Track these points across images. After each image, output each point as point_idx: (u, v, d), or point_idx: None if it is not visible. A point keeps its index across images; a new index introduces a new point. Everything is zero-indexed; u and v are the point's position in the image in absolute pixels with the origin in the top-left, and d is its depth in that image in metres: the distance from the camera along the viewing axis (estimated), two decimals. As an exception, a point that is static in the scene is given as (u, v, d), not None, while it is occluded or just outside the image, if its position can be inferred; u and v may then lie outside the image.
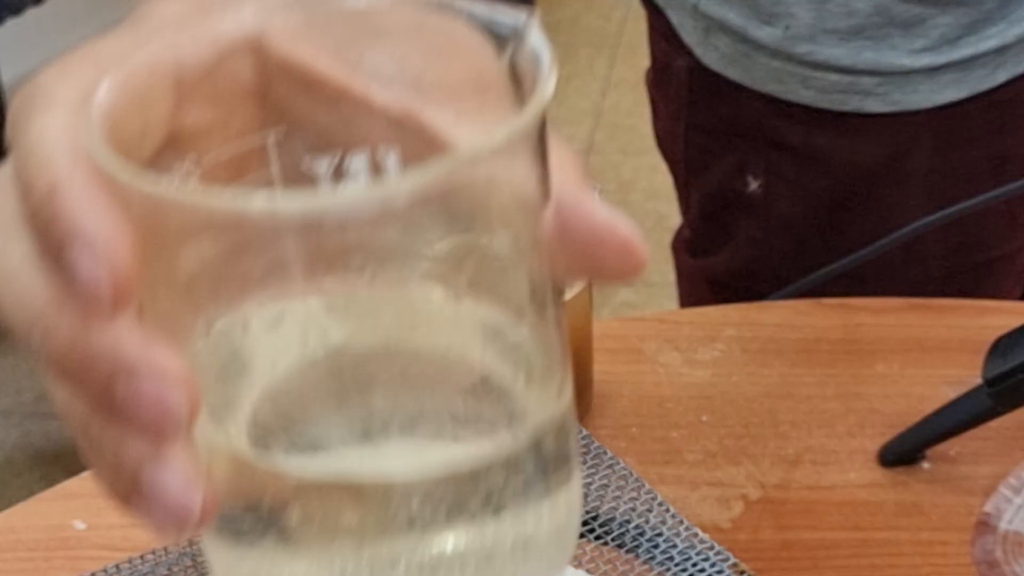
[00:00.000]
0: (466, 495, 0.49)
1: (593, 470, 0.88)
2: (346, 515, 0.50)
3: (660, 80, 1.51)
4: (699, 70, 1.39)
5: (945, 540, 0.94)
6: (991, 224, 1.34)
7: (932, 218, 1.14)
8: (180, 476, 0.42)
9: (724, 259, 1.43)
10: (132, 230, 0.43)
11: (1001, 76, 1.30)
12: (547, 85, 0.44)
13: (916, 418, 0.98)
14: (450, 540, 0.49)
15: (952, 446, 0.99)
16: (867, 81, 1.28)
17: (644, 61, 3.28)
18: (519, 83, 0.48)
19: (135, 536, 0.98)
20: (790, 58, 1.31)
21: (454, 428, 0.51)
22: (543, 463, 0.51)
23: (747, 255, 1.40)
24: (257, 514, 0.49)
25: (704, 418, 1.07)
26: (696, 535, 0.62)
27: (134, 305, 0.43)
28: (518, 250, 0.49)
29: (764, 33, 1.32)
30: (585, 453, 0.96)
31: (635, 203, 2.63)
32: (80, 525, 1.01)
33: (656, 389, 1.10)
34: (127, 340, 0.42)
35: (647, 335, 1.09)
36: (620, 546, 0.60)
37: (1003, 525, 0.92)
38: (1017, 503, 0.95)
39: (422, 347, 0.52)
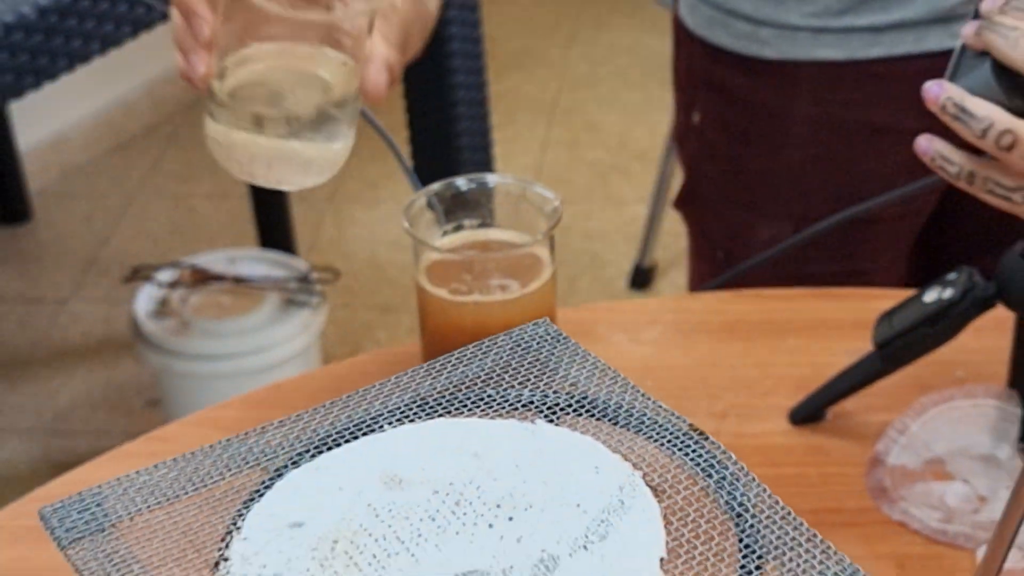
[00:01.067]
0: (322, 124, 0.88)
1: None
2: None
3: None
4: (676, 25, 1.45)
5: (845, 473, 0.98)
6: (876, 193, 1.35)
7: (833, 219, 1.13)
8: (204, 55, 0.86)
9: (685, 184, 1.47)
10: None
11: (876, 51, 1.33)
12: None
13: (820, 382, 1.03)
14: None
15: (850, 401, 1.03)
16: (765, 32, 1.32)
17: (577, 124, 3.38)
18: None
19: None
20: (716, 6, 1.36)
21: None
22: (339, 119, 0.88)
23: (692, 177, 1.44)
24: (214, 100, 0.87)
25: (648, 383, 1.09)
26: (659, 405, 0.68)
27: None
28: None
29: None
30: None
31: (574, 244, 2.67)
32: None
33: (608, 362, 1.12)
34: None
35: (600, 320, 1.15)
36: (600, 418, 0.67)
37: (891, 460, 0.97)
38: (901, 443, 0.99)
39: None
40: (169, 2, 0.93)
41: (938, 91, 0.87)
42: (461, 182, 1.00)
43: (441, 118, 2.03)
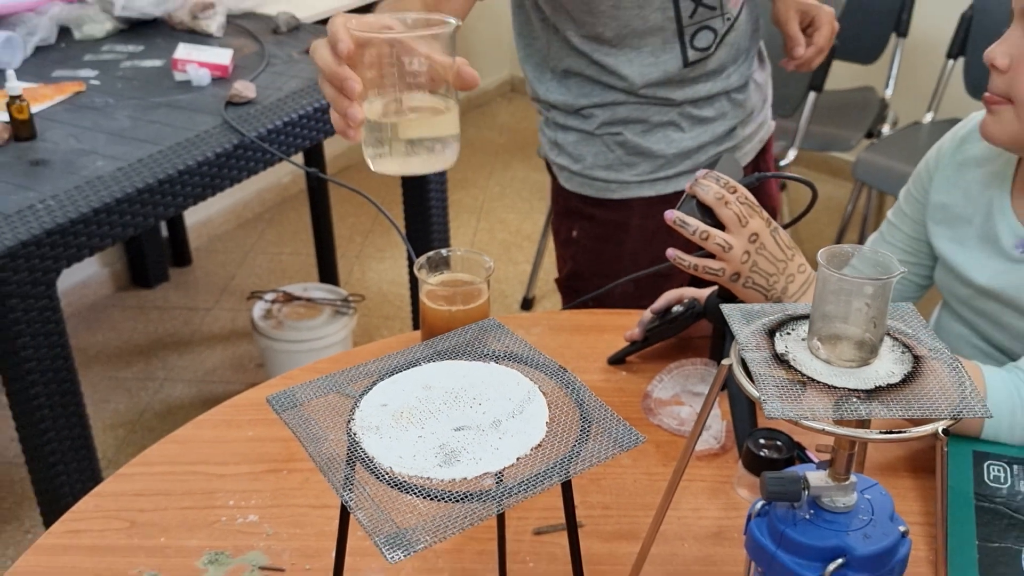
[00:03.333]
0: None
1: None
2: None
3: None
4: (554, 185, 1.41)
5: (632, 401, 1.05)
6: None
7: (645, 272, 1.21)
8: (357, 109, 0.79)
9: (566, 269, 1.46)
10: (357, 47, 0.79)
11: (668, 190, 1.33)
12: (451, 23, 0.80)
13: (623, 344, 1.10)
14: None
15: (635, 358, 1.12)
16: (613, 186, 1.34)
17: (493, 221, 3.49)
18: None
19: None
20: (582, 175, 1.35)
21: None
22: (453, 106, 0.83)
23: (571, 269, 1.44)
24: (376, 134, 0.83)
25: (533, 353, 1.15)
26: (545, 356, 0.69)
27: (352, 62, 0.80)
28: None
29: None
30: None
31: (491, 285, 2.75)
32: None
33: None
34: (346, 71, 0.79)
35: (509, 323, 1.10)
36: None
37: (654, 394, 1.05)
38: (659, 386, 1.06)
39: None
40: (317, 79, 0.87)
41: (670, 214, 0.95)
42: (442, 251, 1.02)
43: (423, 215, 2.09)
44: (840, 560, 0.68)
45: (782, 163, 2.49)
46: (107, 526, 0.89)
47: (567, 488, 0.61)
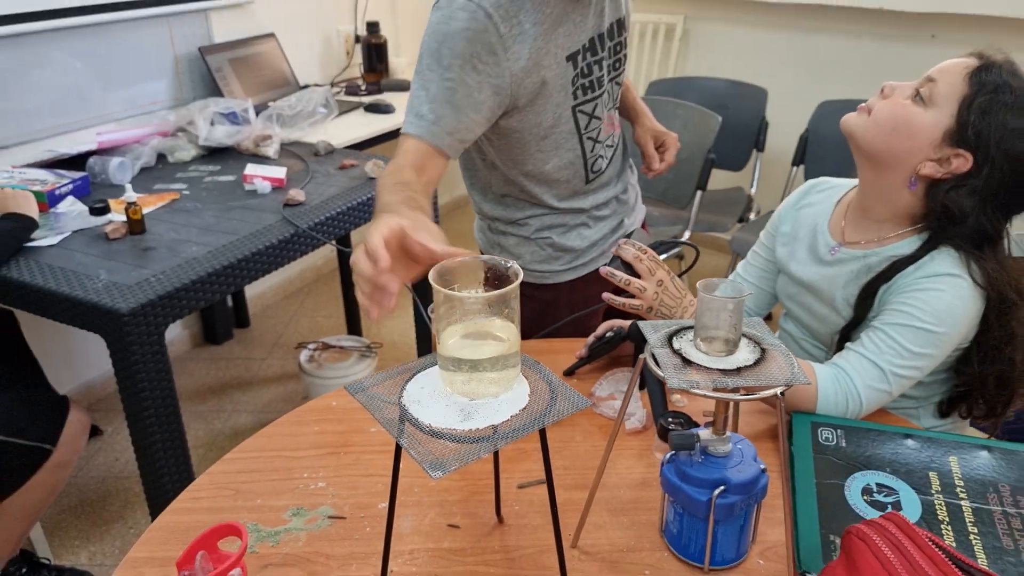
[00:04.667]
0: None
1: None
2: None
3: None
4: None
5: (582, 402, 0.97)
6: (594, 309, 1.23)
7: (573, 316, 1.23)
8: (383, 315, 0.64)
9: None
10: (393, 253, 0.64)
11: (586, 271, 1.28)
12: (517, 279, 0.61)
13: (574, 361, 1.10)
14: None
15: (583, 369, 1.11)
16: (538, 275, 1.28)
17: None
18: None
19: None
20: (526, 267, 1.27)
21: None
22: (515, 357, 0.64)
23: (528, 327, 1.29)
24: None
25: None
26: (526, 356, 0.68)
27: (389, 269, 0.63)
28: None
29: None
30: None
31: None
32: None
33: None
34: (388, 276, 0.64)
35: None
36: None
37: (596, 392, 1.06)
38: (600, 387, 1.06)
39: None
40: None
41: (604, 269, 0.99)
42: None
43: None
44: (722, 487, 0.75)
45: (680, 240, 2.54)
46: (218, 494, 0.91)
47: (543, 435, 0.66)
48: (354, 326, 2.66)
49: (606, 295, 1.02)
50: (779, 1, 2.72)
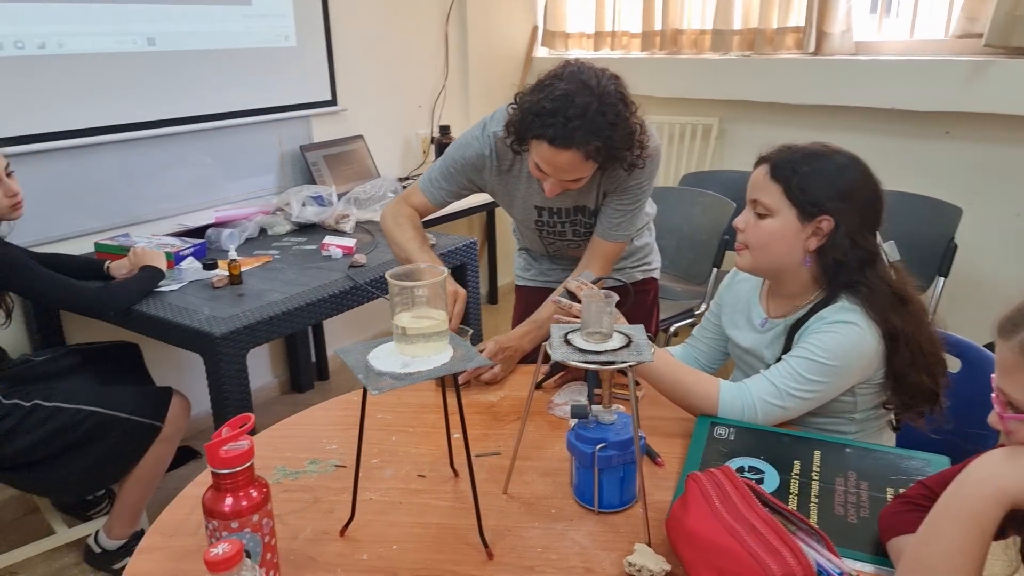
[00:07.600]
0: None
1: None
2: None
3: None
4: None
5: (544, 411, 1.20)
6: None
7: None
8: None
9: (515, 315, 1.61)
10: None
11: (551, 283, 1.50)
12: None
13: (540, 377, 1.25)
14: None
15: (550, 383, 1.26)
16: (522, 283, 1.54)
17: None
18: None
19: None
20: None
21: None
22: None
23: (519, 313, 1.57)
24: None
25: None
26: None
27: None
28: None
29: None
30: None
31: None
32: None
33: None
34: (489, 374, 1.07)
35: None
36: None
37: (555, 400, 1.22)
38: (559, 396, 1.22)
39: None
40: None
41: (554, 297, 1.17)
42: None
43: (466, 319, 2.10)
44: (603, 444, 0.96)
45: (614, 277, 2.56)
46: (261, 453, 1.11)
47: (455, 380, 0.89)
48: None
49: (554, 298, 1.22)
50: (801, 103, 2.92)
